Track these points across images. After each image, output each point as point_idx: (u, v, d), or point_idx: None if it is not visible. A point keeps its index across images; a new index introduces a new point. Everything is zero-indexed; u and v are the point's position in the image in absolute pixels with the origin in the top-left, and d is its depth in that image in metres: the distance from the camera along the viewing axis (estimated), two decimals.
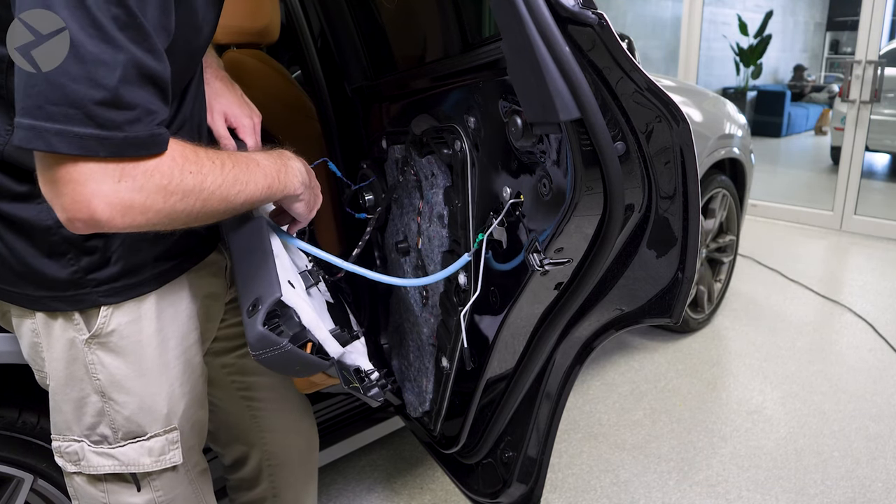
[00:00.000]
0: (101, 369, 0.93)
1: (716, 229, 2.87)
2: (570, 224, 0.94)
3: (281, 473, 1.31)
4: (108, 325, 0.91)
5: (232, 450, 1.29)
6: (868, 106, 4.30)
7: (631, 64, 0.83)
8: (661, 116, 0.85)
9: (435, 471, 2.00)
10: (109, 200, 0.69)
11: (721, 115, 2.85)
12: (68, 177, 0.68)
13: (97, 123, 0.67)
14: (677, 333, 2.91)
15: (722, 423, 2.27)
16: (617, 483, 1.97)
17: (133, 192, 0.71)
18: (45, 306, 0.89)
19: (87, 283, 0.88)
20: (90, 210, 0.69)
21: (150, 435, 0.97)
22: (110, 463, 0.96)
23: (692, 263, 0.94)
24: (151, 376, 0.96)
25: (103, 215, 0.70)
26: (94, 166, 0.68)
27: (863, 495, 1.90)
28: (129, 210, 0.71)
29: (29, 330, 0.93)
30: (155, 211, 0.73)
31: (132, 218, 0.72)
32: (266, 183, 0.90)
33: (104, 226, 0.71)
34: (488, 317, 1.21)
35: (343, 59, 1.62)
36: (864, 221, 4.47)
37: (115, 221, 0.71)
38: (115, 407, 0.94)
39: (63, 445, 0.97)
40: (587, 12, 0.81)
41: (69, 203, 0.69)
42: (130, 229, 0.74)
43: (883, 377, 2.54)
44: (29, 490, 1.20)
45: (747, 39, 8.47)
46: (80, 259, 0.87)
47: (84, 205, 0.69)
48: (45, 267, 0.86)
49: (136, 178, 0.71)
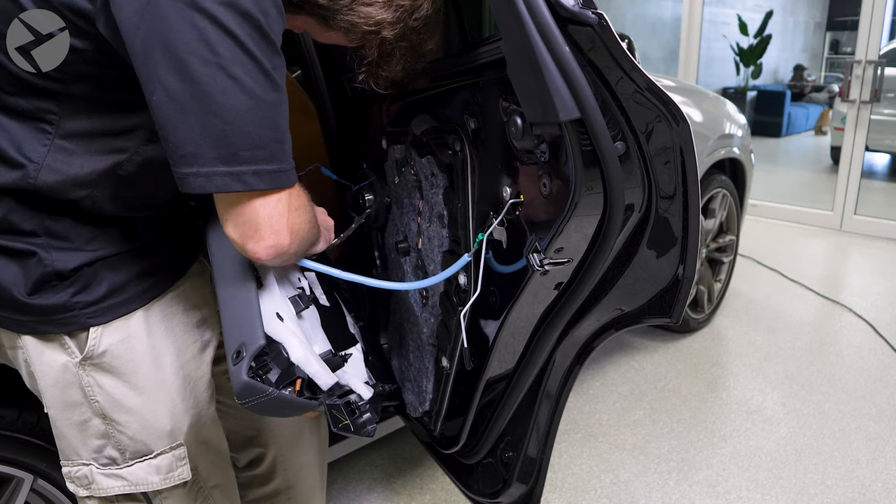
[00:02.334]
0: (99, 391, 0.92)
1: (716, 229, 2.87)
2: (570, 224, 0.94)
3: (294, 468, 1.32)
4: (99, 346, 0.91)
5: (247, 453, 1.30)
6: (868, 106, 4.30)
7: (631, 64, 0.83)
8: (661, 116, 0.85)
9: (435, 471, 2.00)
10: (290, 227, 0.81)
11: (721, 115, 2.85)
12: (265, 212, 0.78)
13: (279, 159, 0.77)
14: (677, 333, 2.91)
15: (722, 423, 2.27)
16: (617, 483, 1.97)
17: (298, 218, 0.83)
18: (32, 329, 0.89)
19: (73, 305, 0.88)
20: (281, 238, 0.80)
21: (157, 453, 0.97)
22: (119, 484, 0.96)
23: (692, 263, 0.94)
24: (150, 393, 0.96)
25: (286, 241, 0.81)
26: (283, 196, 0.79)
27: (863, 495, 1.90)
28: (298, 233, 0.83)
29: (22, 360, 0.93)
30: (303, 234, 0.86)
31: (299, 242, 0.85)
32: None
33: (288, 251, 0.82)
34: (488, 317, 1.21)
35: (343, 58, 1.62)
36: (864, 221, 4.47)
37: (293, 248, 0.83)
38: (118, 427, 0.94)
39: (73, 471, 0.97)
40: (587, 12, 0.81)
41: (268, 234, 0.79)
42: (297, 257, 0.90)
43: (883, 377, 2.54)
44: (29, 490, 1.20)
45: (747, 39, 8.47)
46: (66, 286, 0.87)
47: (281, 233, 0.79)
48: (32, 298, 0.86)
49: (293, 203, 0.82)
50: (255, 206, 0.77)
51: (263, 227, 0.78)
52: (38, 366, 0.91)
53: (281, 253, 0.81)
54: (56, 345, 0.90)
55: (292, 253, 0.84)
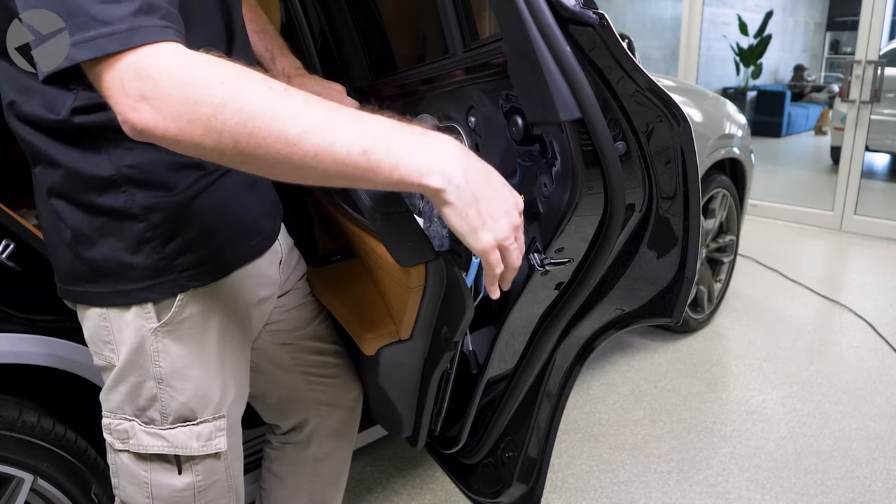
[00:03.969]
0: (165, 357, 0.94)
1: (716, 229, 2.87)
2: (570, 224, 0.94)
3: (327, 442, 1.35)
4: (182, 313, 0.94)
5: (291, 418, 1.33)
6: (868, 106, 4.30)
7: (632, 64, 0.83)
8: (661, 116, 0.85)
9: (435, 471, 2.00)
10: (136, 104, 0.64)
11: (721, 115, 2.85)
12: (106, 84, 0.65)
13: (102, 22, 0.64)
14: (677, 333, 2.91)
15: (722, 423, 2.27)
16: (617, 483, 1.97)
17: (156, 93, 0.64)
18: (126, 298, 0.91)
19: (173, 268, 0.91)
20: (130, 116, 0.65)
21: (200, 420, 0.99)
22: (159, 443, 0.97)
23: (693, 263, 0.94)
24: (210, 366, 0.98)
25: (140, 121, 0.65)
26: (117, 66, 0.64)
27: (863, 495, 1.90)
28: (160, 114, 0.64)
29: (95, 314, 0.94)
30: (187, 120, 0.64)
31: (166, 126, 0.65)
32: (362, 144, 0.67)
33: (146, 133, 0.66)
34: (488, 317, 1.21)
35: (343, 58, 1.62)
36: (864, 221, 4.47)
37: (151, 129, 0.65)
38: (171, 393, 0.96)
39: (114, 423, 0.98)
40: (588, 12, 0.81)
41: (118, 109, 0.65)
42: (174, 143, 0.66)
43: (883, 377, 2.54)
44: (29, 490, 1.20)
45: (747, 39, 8.46)
46: (164, 246, 0.90)
47: (126, 110, 0.65)
48: (132, 259, 0.89)
49: (152, 75, 0.64)
50: (102, 80, 0.66)
51: (113, 103, 0.66)
52: (115, 322, 0.93)
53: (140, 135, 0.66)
54: (139, 309, 0.92)
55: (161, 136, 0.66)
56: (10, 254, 1.14)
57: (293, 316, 1.24)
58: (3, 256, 1.13)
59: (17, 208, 1.30)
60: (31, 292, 1.15)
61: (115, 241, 0.88)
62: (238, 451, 1.10)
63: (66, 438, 1.24)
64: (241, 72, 0.68)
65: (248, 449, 1.53)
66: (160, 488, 0.99)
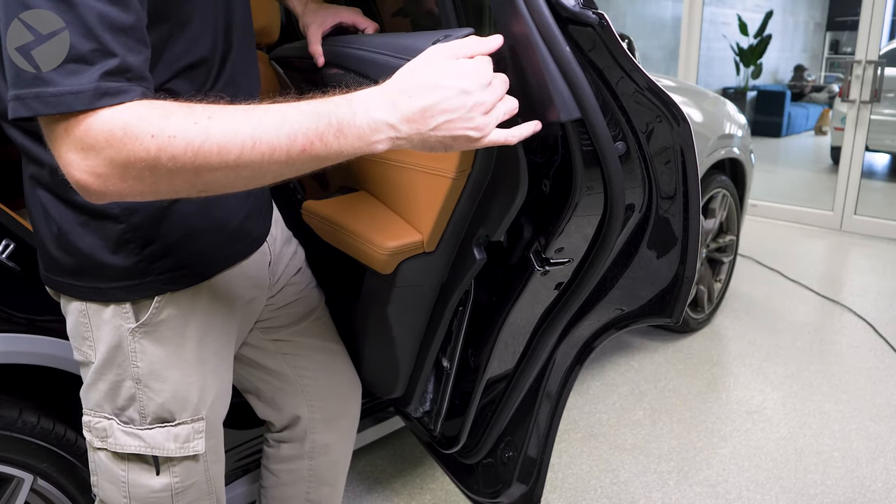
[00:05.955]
0: (143, 357, 0.94)
1: (716, 229, 2.87)
2: (570, 224, 0.94)
3: (322, 441, 1.35)
4: (159, 315, 0.94)
5: (285, 414, 1.33)
6: (868, 106, 4.30)
7: (631, 64, 0.83)
8: (661, 116, 0.85)
9: (435, 471, 2.00)
10: (79, 168, 0.65)
11: (721, 115, 2.85)
12: (52, 143, 0.66)
13: (44, 81, 0.63)
14: (677, 333, 2.91)
15: (722, 423, 2.27)
16: (617, 483, 1.97)
17: (91, 161, 0.64)
18: (104, 296, 0.91)
19: (151, 271, 0.91)
20: (73, 176, 0.66)
21: (178, 422, 0.99)
22: (136, 443, 0.97)
23: (693, 263, 0.94)
24: (188, 368, 0.98)
25: (82, 182, 0.65)
26: (57, 128, 0.65)
27: (863, 495, 1.90)
28: (100, 179, 0.65)
29: (76, 309, 0.94)
30: (134, 178, 0.65)
31: (110, 186, 0.65)
32: (298, 144, 0.69)
33: (93, 195, 0.66)
34: (488, 317, 1.20)
35: None
36: (864, 221, 4.47)
37: (93, 189, 0.66)
38: (148, 394, 0.96)
39: (93, 421, 0.99)
40: (588, 12, 0.81)
41: (65, 172, 0.66)
42: (130, 198, 0.68)
43: (883, 377, 2.54)
44: (29, 490, 1.20)
45: (747, 39, 8.46)
46: (143, 249, 0.90)
47: (68, 171, 0.66)
48: (111, 259, 0.89)
49: (93, 145, 0.64)
50: (48, 135, 0.67)
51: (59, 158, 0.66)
52: (94, 319, 0.93)
53: (90, 196, 0.66)
54: (117, 307, 0.92)
55: (108, 195, 0.66)
56: (10, 254, 1.14)
57: (286, 313, 1.24)
58: (3, 256, 1.13)
59: (17, 208, 1.30)
60: (30, 292, 1.15)
61: (95, 240, 0.89)
62: (219, 454, 1.09)
63: (66, 438, 1.24)
64: (167, 112, 0.67)
65: (248, 449, 1.53)
66: (137, 488, 0.99)
